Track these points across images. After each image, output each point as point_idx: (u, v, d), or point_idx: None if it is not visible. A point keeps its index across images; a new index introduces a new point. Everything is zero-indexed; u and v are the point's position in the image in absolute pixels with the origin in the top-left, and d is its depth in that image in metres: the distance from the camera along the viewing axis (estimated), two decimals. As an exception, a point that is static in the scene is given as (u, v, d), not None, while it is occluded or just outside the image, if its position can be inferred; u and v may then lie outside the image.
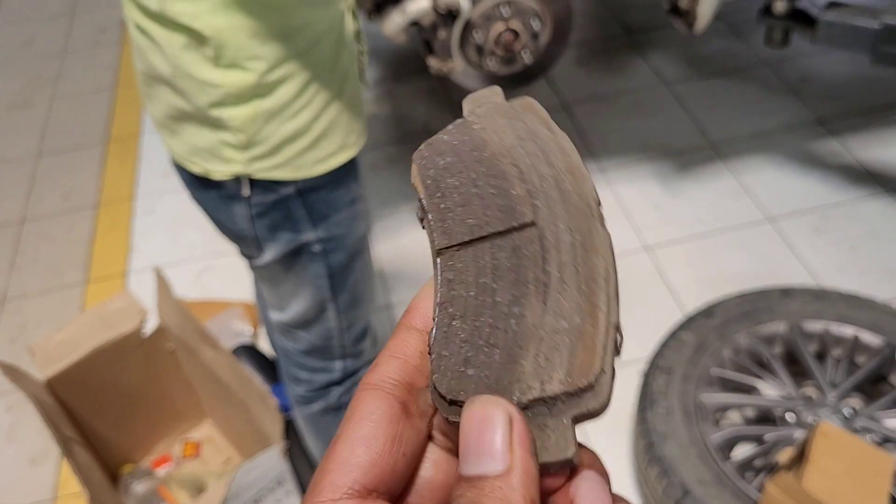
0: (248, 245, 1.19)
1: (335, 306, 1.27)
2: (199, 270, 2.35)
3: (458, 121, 0.37)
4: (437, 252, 0.33)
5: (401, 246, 2.30)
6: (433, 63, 1.89)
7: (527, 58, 1.88)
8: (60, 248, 2.53)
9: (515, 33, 1.82)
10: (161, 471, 1.82)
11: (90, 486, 1.45)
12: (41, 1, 3.87)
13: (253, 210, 1.11)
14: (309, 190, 1.10)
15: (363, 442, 0.29)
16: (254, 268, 1.27)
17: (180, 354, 1.74)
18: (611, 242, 0.32)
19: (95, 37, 3.51)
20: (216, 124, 1.02)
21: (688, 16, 1.80)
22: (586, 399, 0.28)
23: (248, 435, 1.68)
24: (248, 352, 1.75)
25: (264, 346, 1.94)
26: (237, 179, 1.08)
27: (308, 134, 1.05)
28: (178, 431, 1.89)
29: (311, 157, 1.07)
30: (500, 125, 0.36)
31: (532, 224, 0.32)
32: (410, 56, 3.08)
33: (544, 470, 0.28)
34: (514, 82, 1.97)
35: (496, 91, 0.39)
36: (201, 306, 2.08)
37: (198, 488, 1.77)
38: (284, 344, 1.39)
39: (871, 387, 1.71)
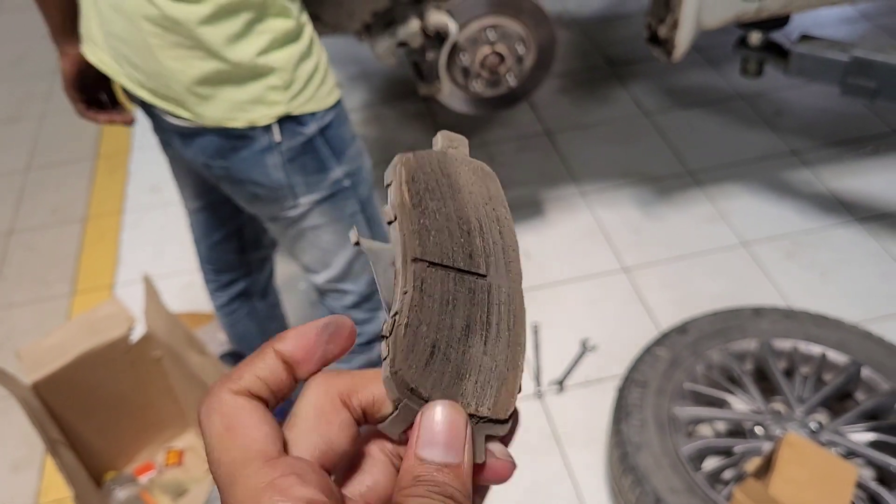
0: (284, 197, 1.30)
1: None
2: (183, 284, 2.38)
3: (441, 150, 0.42)
4: (413, 259, 0.37)
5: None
6: (421, 84, 1.95)
7: (511, 81, 1.94)
8: (48, 259, 2.56)
9: (501, 57, 1.89)
10: (144, 478, 1.84)
11: (76, 485, 1.47)
12: (34, 20, 3.90)
13: (285, 156, 1.24)
14: (326, 127, 1.26)
15: (317, 427, 0.36)
16: (293, 226, 1.36)
17: (166, 361, 1.77)
18: (526, 315, 0.40)
19: (87, 56, 3.56)
20: (262, 72, 1.17)
21: (667, 44, 1.87)
22: (498, 427, 0.37)
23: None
24: (235, 358, 1.79)
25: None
26: (269, 129, 1.21)
27: (319, 70, 1.23)
28: (162, 440, 1.92)
29: (324, 91, 1.25)
30: (472, 180, 0.42)
31: (484, 277, 0.39)
32: (397, 80, 3.15)
33: None
34: (499, 104, 2.03)
35: (464, 141, 0.44)
36: (185, 318, 2.11)
37: (180, 494, 1.80)
38: (331, 304, 1.49)
39: (836, 403, 1.76)
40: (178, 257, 2.47)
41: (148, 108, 1.30)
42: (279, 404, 0.37)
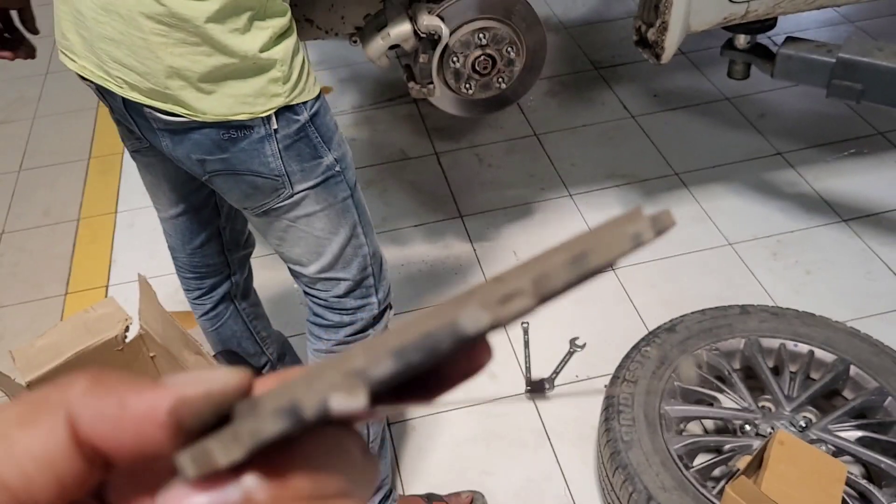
0: (282, 186, 1.33)
1: (363, 229, 1.46)
2: (177, 284, 2.37)
3: None
4: None
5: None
6: (413, 87, 1.97)
7: (502, 83, 1.96)
8: (41, 261, 2.56)
9: (492, 60, 1.91)
10: (137, 478, 1.84)
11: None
12: (22, 22, 3.91)
13: (280, 144, 1.29)
14: (314, 115, 1.32)
15: None
16: (286, 215, 1.38)
17: (161, 361, 1.78)
18: None
19: (76, 58, 3.56)
20: (265, 66, 1.22)
21: (655, 47, 1.90)
22: None
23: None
24: (229, 356, 1.80)
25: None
26: (267, 118, 1.26)
27: (306, 62, 1.30)
28: (155, 440, 1.92)
29: (311, 82, 1.31)
30: None
31: None
32: (387, 83, 3.17)
33: None
34: (489, 107, 2.05)
35: None
36: (178, 318, 2.11)
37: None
38: (322, 295, 1.50)
39: (824, 401, 1.79)
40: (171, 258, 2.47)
41: (133, 111, 1.30)
42: None
